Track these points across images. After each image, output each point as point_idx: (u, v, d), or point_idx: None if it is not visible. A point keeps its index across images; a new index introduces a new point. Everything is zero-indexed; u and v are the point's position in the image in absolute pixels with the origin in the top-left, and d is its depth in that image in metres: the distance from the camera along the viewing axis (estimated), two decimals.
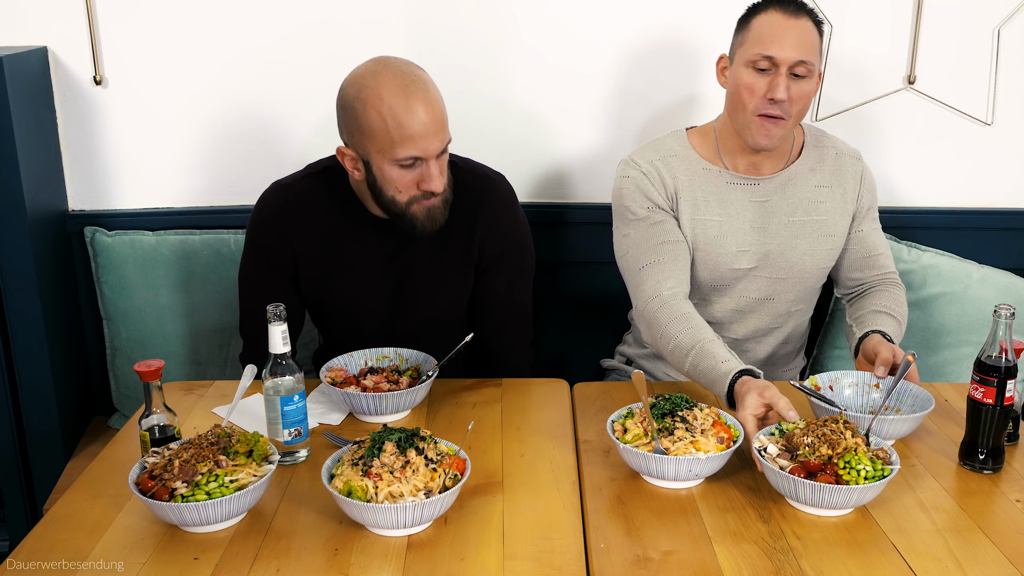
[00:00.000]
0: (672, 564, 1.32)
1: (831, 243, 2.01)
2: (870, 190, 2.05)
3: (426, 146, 1.72)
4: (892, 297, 1.98)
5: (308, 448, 1.62)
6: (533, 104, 2.41)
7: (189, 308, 2.40)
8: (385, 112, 1.70)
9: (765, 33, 1.84)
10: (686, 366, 1.76)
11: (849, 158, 2.04)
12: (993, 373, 1.52)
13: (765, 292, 2.02)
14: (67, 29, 2.33)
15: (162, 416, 1.54)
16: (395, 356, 1.86)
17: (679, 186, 1.95)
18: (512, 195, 1.98)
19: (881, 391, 1.71)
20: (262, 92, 2.41)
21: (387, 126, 1.70)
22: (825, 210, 2.00)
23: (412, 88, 1.70)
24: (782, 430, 1.53)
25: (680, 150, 1.99)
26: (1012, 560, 1.33)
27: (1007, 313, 1.50)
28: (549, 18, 2.35)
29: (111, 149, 2.43)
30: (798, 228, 1.99)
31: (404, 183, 1.76)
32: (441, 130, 1.74)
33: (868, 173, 2.05)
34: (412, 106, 1.69)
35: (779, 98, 1.83)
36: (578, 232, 2.46)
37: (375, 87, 1.71)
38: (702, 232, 1.96)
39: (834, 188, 2.01)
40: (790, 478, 1.39)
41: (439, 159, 1.76)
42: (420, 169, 1.75)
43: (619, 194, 1.98)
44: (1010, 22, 2.33)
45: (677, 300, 1.85)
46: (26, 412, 2.33)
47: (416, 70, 1.76)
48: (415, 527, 1.38)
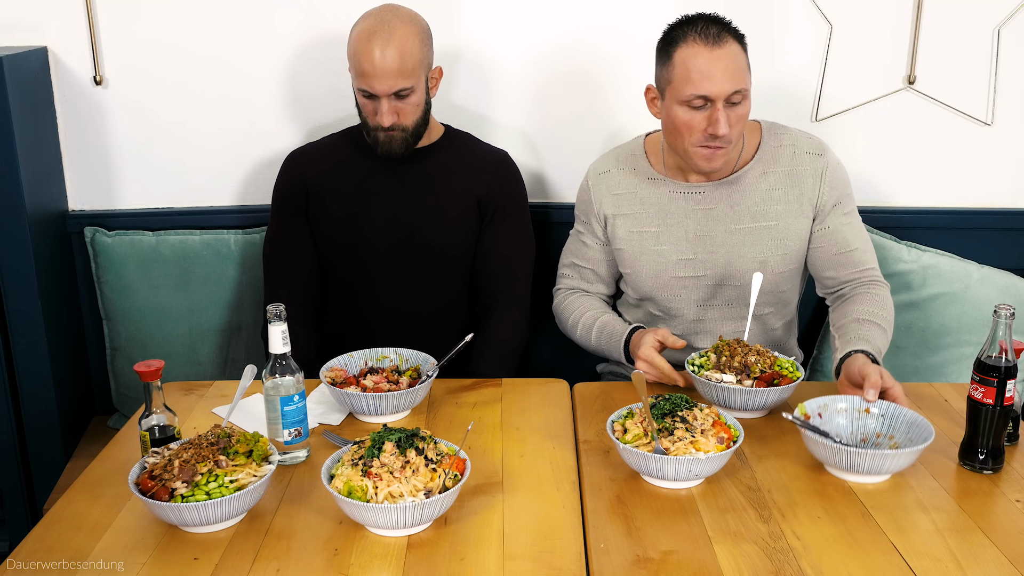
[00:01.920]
0: (672, 564, 1.32)
1: (784, 247, 1.97)
2: (835, 185, 1.97)
3: (373, 84, 1.96)
4: (875, 300, 1.91)
5: (308, 448, 1.62)
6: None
7: (189, 308, 2.40)
8: (352, 47, 1.99)
9: (693, 71, 1.81)
10: (592, 342, 2.02)
11: (808, 156, 1.98)
12: (993, 373, 1.51)
13: (723, 299, 2.02)
14: (67, 29, 2.33)
15: (162, 416, 1.54)
16: (395, 356, 1.86)
17: (619, 202, 2.03)
18: (515, 165, 2.21)
19: (873, 415, 1.62)
20: (262, 92, 2.41)
21: (352, 58, 1.99)
22: (776, 214, 1.96)
23: (377, 32, 1.95)
24: (700, 365, 1.77)
25: (632, 159, 2.06)
26: (1012, 560, 1.33)
27: (1007, 313, 1.50)
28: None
29: (111, 149, 2.43)
30: (746, 235, 1.97)
31: (366, 111, 2.04)
32: (391, 75, 1.95)
33: (833, 168, 1.98)
34: (369, 48, 1.94)
35: (720, 133, 1.82)
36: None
37: (358, 25, 2.00)
38: (638, 243, 2.02)
39: (788, 190, 1.96)
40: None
41: (391, 99, 1.98)
42: (375, 102, 2.00)
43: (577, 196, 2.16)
44: (1010, 22, 2.33)
45: (577, 294, 2.12)
46: (26, 412, 2.33)
47: (399, 19, 1.97)
48: (415, 527, 1.38)
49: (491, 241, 2.16)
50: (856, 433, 1.62)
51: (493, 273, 2.17)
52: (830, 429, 1.61)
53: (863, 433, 1.62)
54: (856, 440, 1.61)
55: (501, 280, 2.17)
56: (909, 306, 2.33)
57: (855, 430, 1.63)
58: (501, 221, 2.16)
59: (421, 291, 2.15)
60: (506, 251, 2.17)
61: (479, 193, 2.14)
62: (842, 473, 1.52)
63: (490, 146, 2.22)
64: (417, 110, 2.03)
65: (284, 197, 2.17)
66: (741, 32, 1.87)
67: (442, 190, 2.13)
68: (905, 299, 2.33)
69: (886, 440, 1.60)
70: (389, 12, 1.99)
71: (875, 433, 1.61)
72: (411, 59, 1.96)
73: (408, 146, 2.06)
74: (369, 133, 2.06)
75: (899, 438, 1.59)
